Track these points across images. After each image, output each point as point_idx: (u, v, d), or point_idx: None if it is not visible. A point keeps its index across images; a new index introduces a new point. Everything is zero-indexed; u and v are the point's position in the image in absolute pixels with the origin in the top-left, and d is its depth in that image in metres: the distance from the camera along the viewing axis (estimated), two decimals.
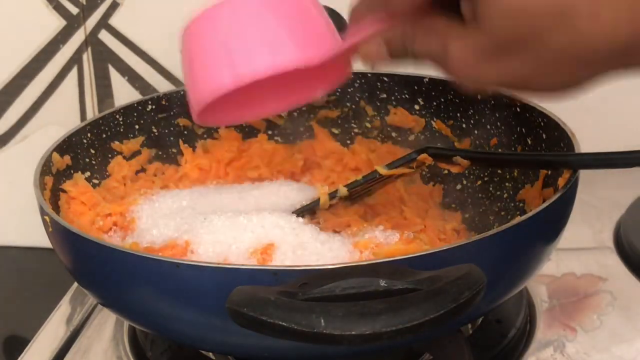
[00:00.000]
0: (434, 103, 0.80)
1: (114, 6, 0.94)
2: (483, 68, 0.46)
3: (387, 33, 0.50)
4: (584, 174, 0.63)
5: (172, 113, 0.81)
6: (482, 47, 0.45)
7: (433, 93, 0.80)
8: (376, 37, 0.50)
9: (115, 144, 0.77)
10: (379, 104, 0.83)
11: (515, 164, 0.71)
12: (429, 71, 0.81)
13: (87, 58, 0.96)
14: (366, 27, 0.50)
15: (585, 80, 0.46)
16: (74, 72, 0.96)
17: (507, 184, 0.74)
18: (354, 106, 0.84)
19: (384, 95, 0.83)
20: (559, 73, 0.46)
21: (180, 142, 0.81)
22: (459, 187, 0.79)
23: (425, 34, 0.48)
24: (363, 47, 0.51)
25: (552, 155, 0.68)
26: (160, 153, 0.81)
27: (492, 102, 0.76)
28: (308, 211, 0.71)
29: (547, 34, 0.43)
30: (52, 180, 0.69)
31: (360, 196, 0.73)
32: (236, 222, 0.64)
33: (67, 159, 0.72)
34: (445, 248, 0.53)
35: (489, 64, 0.46)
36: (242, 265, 0.59)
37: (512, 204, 0.73)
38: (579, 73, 0.46)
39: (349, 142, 0.84)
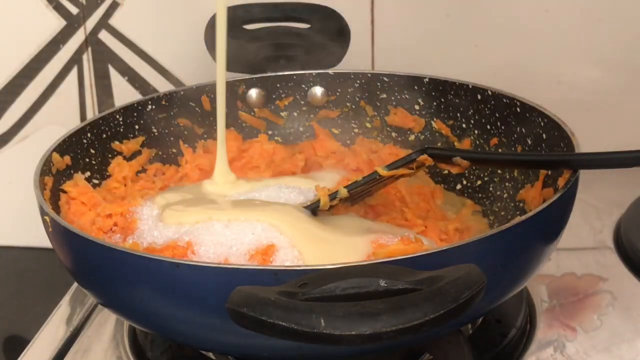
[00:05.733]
0: (434, 103, 0.80)
1: (114, 6, 0.94)
2: None
3: None
4: (584, 174, 0.63)
5: (172, 113, 0.81)
6: None
7: (433, 93, 0.80)
8: None
9: (115, 144, 0.77)
10: (379, 104, 0.83)
11: (515, 164, 0.71)
12: (429, 71, 0.81)
13: (87, 58, 0.96)
14: None
15: None
16: (74, 72, 0.96)
17: (507, 184, 0.74)
18: (354, 106, 0.84)
19: (384, 95, 0.83)
20: None
21: (181, 142, 0.81)
22: (459, 187, 0.79)
23: None
24: None
25: (552, 155, 0.68)
26: (160, 153, 0.81)
27: (492, 102, 0.76)
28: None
29: None
30: (52, 180, 0.69)
31: (360, 197, 0.73)
32: (237, 224, 0.64)
33: (67, 159, 0.72)
34: (445, 248, 0.53)
35: None
36: (242, 265, 0.59)
37: (512, 204, 0.73)
38: None
39: (349, 142, 0.84)
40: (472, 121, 0.78)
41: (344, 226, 0.67)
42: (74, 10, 0.94)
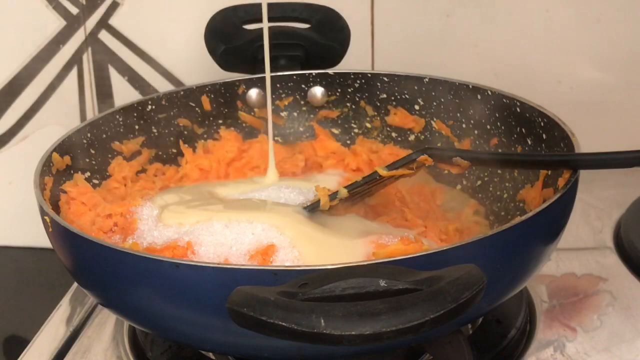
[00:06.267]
0: (434, 103, 0.80)
1: (114, 6, 0.94)
2: None
3: None
4: (584, 174, 0.63)
5: (172, 113, 0.81)
6: None
7: (433, 93, 0.80)
8: None
9: (115, 144, 0.77)
10: (379, 104, 0.83)
11: (515, 164, 0.71)
12: (429, 71, 0.81)
13: (87, 58, 0.96)
14: None
15: None
16: (74, 72, 0.97)
17: (507, 184, 0.74)
18: (354, 106, 0.84)
19: (384, 95, 0.83)
20: None
21: (181, 142, 0.81)
22: (459, 187, 0.79)
23: None
24: None
25: (552, 155, 0.68)
26: (160, 153, 0.80)
27: (492, 102, 0.76)
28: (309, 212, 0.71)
29: None
30: (52, 180, 0.69)
31: (360, 197, 0.73)
32: (237, 224, 0.64)
33: (67, 159, 0.72)
34: (445, 248, 0.53)
35: None
36: (242, 265, 0.59)
37: (512, 204, 0.73)
38: None
39: (349, 142, 0.84)
40: (472, 121, 0.78)
41: (344, 227, 0.67)
42: (74, 10, 0.94)
